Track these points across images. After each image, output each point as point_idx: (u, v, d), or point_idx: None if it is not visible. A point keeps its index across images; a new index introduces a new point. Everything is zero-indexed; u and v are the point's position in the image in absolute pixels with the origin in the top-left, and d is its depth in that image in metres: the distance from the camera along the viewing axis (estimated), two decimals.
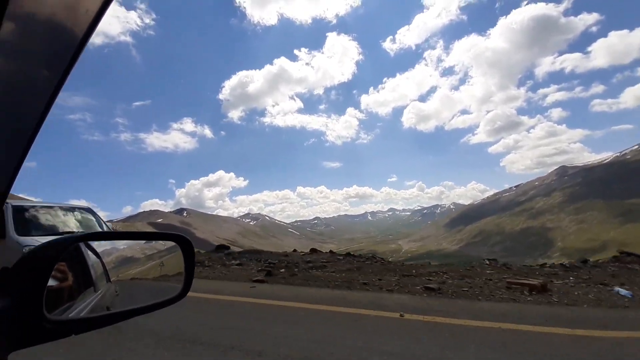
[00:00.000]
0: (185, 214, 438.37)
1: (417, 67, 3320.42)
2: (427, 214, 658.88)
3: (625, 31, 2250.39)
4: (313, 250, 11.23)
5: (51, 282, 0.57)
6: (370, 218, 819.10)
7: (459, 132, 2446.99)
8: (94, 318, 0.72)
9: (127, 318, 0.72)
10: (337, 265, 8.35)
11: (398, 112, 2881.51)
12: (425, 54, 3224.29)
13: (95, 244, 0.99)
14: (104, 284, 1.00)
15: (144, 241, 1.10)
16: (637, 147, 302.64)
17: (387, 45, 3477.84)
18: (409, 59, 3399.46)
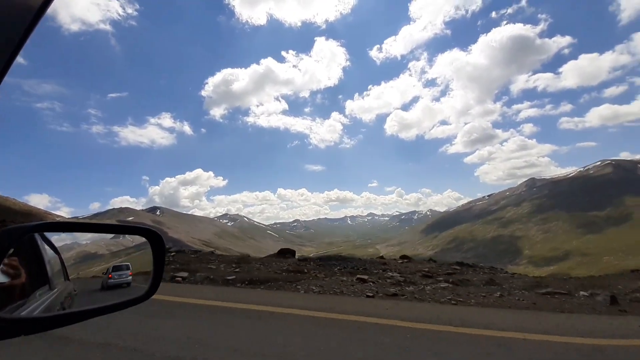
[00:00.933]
0: (158, 213, 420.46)
1: (402, 76, 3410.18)
2: (405, 219, 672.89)
3: (595, 54, 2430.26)
4: (404, 257, 10.85)
5: (0, 278, 0.52)
6: (349, 222, 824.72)
7: (438, 142, 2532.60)
8: (48, 318, 0.66)
9: (85, 319, 0.67)
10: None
11: (381, 119, 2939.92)
12: (410, 65, 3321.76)
13: (53, 237, 0.90)
14: (61, 282, 0.92)
15: (109, 235, 0.98)
16: (599, 163, 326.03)
17: (374, 53, 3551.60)
18: (394, 68, 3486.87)
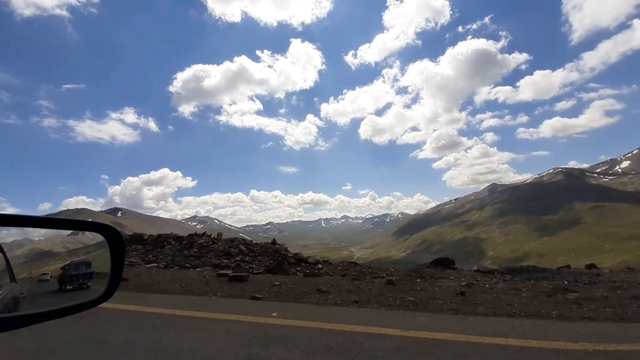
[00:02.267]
0: (119, 214, 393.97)
1: (376, 82, 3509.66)
2: (378, 222, 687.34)
3: (548, 71, 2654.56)
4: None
5: None
6: (323, 225, 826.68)
7: (409, 147, 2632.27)
8: None
9: (34, 323, 0.61)
10: None
11: (356, 123, 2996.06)
12: (384, 72, 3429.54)
13: None
14: (6, 283, 0.86)
15: (66, 232, 0.86)
16: (552, 170, 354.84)
17: (349, 59, 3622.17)
18: (368, 74, 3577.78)
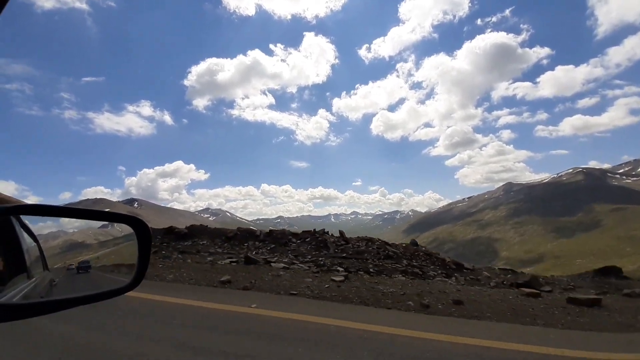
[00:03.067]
0: (136, 205, 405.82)
1: (389, 77, 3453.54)
2: (388, 219, 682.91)
3: (570, 66, 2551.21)
4: None
5: None
6: (333, 220, 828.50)
7: (422, 144, 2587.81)
8: (27, 305, 0.65)
9: (66, 308, 0.65)
10: None
11: (368, 118, 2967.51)
12: (398, 66, 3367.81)
13: (31, 223, 0.85)
14: (39, 272, 0.89)
15: (97, 224, 0.91)
16: (571, 170, 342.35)
17: (363, 52, 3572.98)
18: (382, 68, 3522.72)
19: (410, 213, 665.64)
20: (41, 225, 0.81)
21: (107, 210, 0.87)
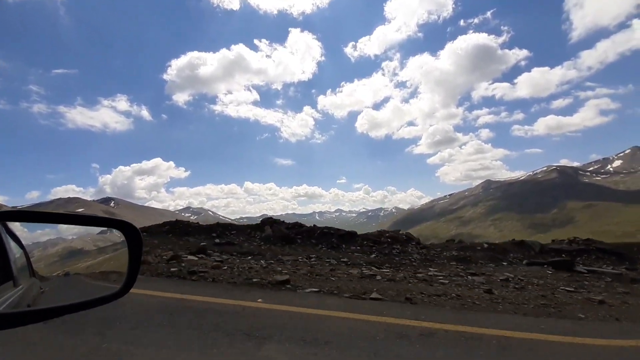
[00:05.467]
0: (112, 204, 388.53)
1: (375, 75, 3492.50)
2: (372, 216, 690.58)
3: (546, 68, 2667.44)
4: None
5: None
6: (317, 218, 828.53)
7: (405, 142, 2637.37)
8: (15, 314, 0.62)
9: (55, 316, 0.63)
10: None
11: (353, 116, 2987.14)
12: (384, 65, 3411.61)
13: (18, 229, 0.82)
14: (26, 279, 0.86)
15: (94, 229, 0.87)
16: (545, 168, 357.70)
17: (349, 50, 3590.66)
18: (368, 67, 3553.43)
19: (393, 210, 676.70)
20: (39, 233, 0.79)
21: (93, 215, 0.85)
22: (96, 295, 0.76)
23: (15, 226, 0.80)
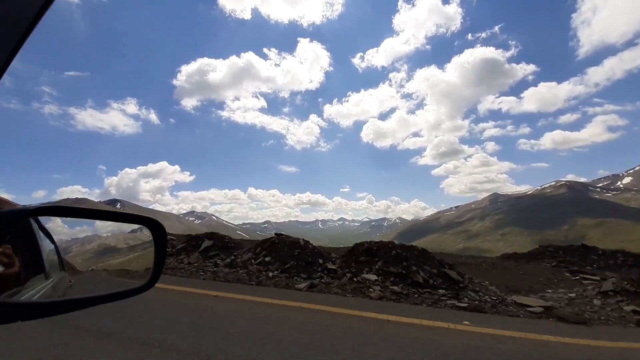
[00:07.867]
0: (119, 206, 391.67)
1: (382, 86, 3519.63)
2: (375, 226, 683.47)
3: (553, 83, 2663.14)
4: None
5: None
6: (320, 226, 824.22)
7: (410, 153, 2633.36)
8: (47, 304, 0.65)
9: (85, 307, 0.65)
10: None
11: (358, 126, 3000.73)
12: (391, 75, 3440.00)
13: (50, 225, 0.85)
14: (56, 272, 0.89)
15: (127, 227, 0.90)
16: (554, 183, 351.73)
17: (356, 61, 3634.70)
18: (375, 77, 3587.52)
19: (397, 221, 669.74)
20: (78, 230, 0.81)
21: (122, 211, 0.87)
22: (123, 288, 0.79)
23: (47, 221, 0.82)
